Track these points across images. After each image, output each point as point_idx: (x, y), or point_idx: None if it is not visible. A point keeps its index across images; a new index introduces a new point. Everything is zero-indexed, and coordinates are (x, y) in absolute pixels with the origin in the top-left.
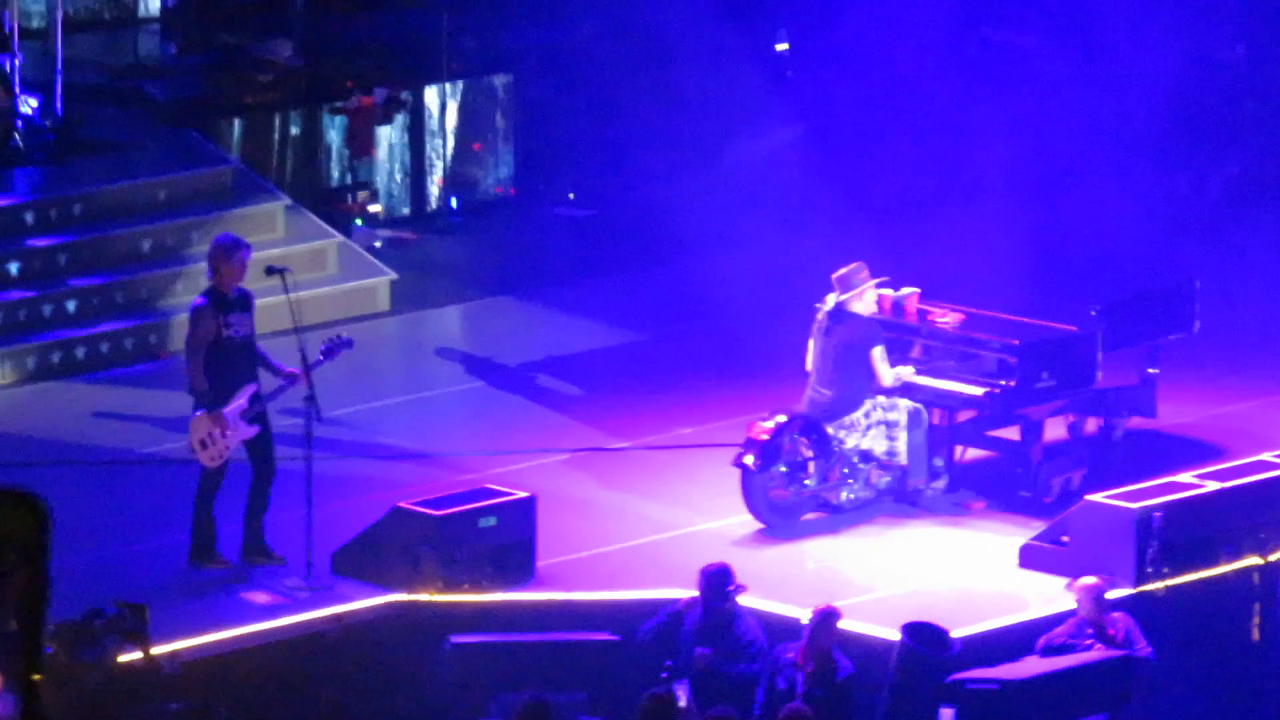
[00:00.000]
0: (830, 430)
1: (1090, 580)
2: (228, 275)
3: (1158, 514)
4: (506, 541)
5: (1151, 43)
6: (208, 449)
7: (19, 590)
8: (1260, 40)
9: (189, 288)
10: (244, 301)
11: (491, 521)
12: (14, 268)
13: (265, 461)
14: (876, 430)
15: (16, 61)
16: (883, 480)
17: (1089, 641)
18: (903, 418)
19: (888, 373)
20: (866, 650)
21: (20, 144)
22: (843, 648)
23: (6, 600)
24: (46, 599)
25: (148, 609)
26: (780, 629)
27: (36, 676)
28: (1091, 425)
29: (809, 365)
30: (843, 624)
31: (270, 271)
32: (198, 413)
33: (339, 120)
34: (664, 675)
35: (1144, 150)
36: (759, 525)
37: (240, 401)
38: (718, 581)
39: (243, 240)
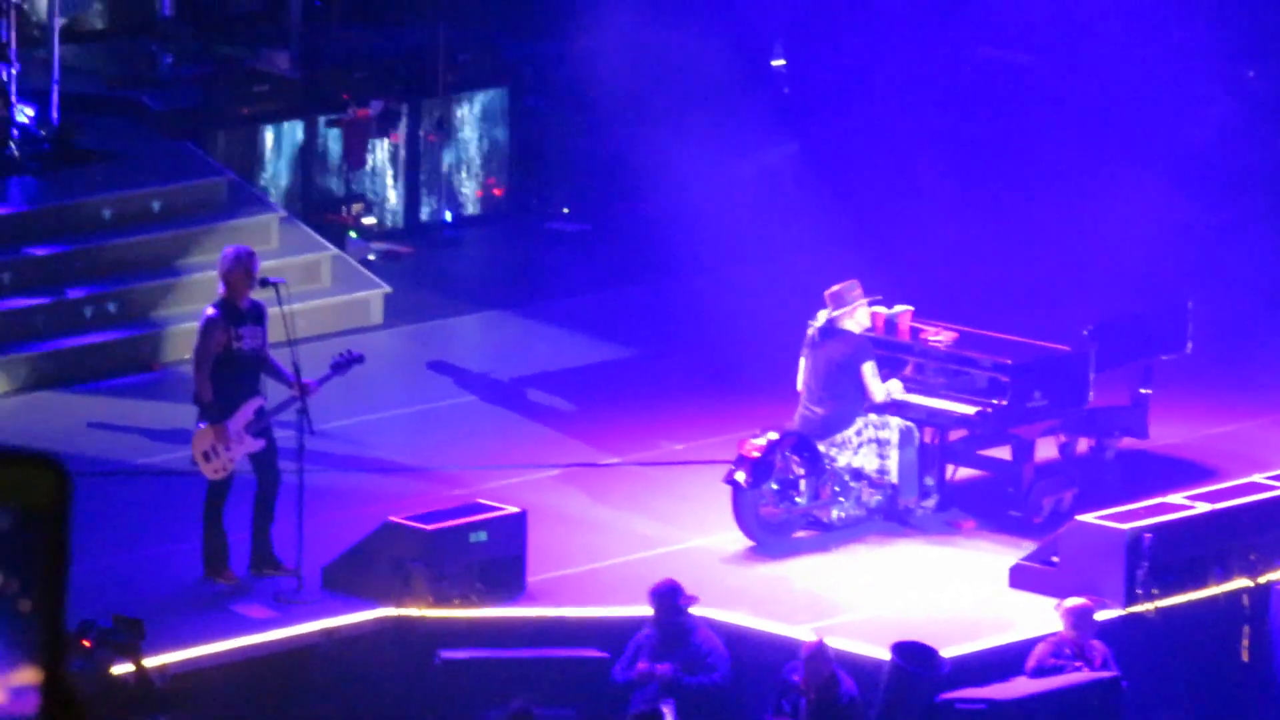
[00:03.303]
0: (822, 448)
1: (1077, 601)
2: (239, 287)
3: (1148, 535)
4: (497, 557)
5: (1149, 62)
6: (211, 462)
7: (38, 566)
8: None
9: (183, 299)
10: (256, 313)
11: (482, 536)
12: (7, 277)
13: (270, 475)
14: (868, 448)
15: (14, 71)
16: (874, 499)
17: (1077, 663)
18: (894, 436)
19: (879, 388)
20: (856, 669)
21: (16, 153)
22: (845, 669)
23: (24, 577)
24: (68, 576)
25: (143, 623)
26: (773, 648)
27: (60, 666)
28: (1083, 445)
29: (799, 383)
30: (832, 642)
31: (264, 284)
32: (201, 425)
33: (334, 132)
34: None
35: (1141, 168)
36: (749, 542)
37: (245, 415)
38: (668, 598)
39: (253, 251)
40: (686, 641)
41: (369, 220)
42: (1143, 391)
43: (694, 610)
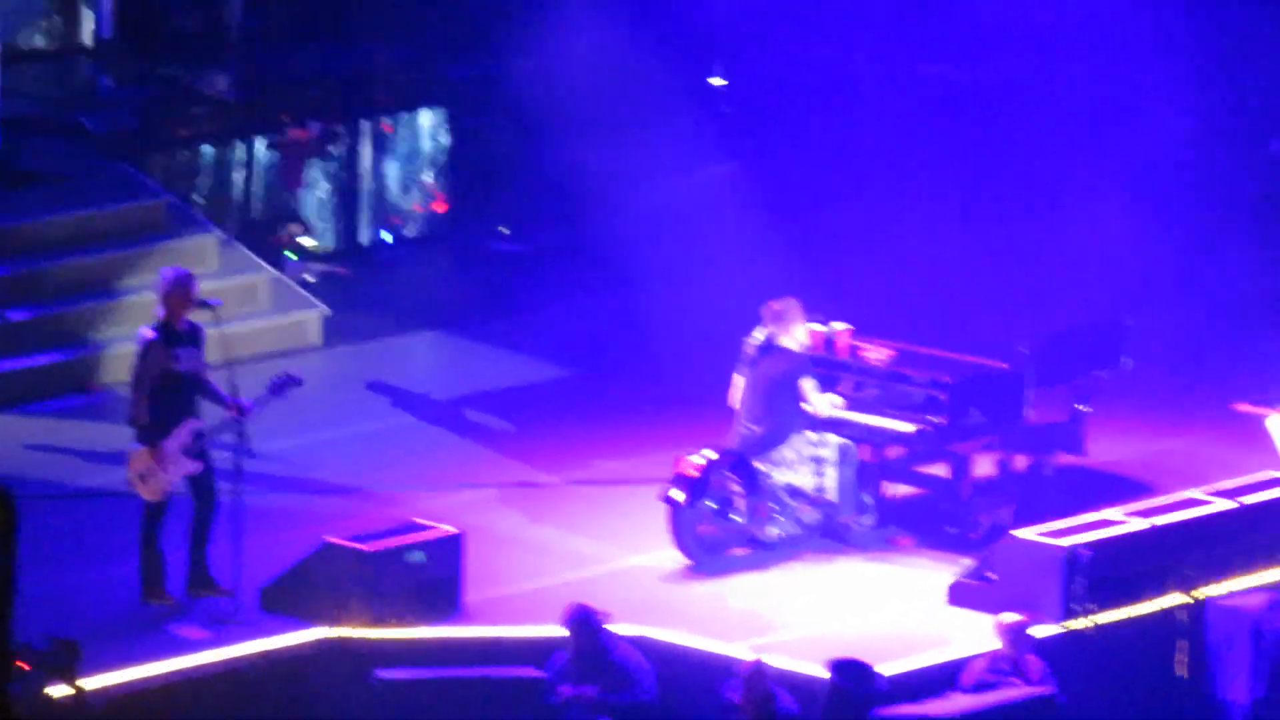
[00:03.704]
0: (759, 465)
1: (1014, 617)
2: (178, 309)
3: (1085, 551)
4: (434, 577)
5: (1084, 74)
6: (147, 483)
7: None
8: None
9: (121, 320)
10: (194, 335)
11: (420, 557)
12: None
13: (207, 496)
14: (805, 466)
15: None
16: (811, 516)
17: (1013, 679)
18: (832, 454)
19: (819, 400)
20: (794, 687)
21: None
22: (784, 686)
23: None
24: (11, 600)
25: (79, 645)
26: (711, 667)
27: (3, 686)
28: (1021, 462)
29: (736, 400)
30: (770, 660)
31: (202, 305)
32: (138, 447)
33: (273, 154)
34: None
35: (1082, 185)
36: (687, 561)
37: (182, 436)
38: (582, 623)
39: (192, 274)
40: (607, 661)
41: (307, 241)
42: (1080, 408)
43: (622, 629)
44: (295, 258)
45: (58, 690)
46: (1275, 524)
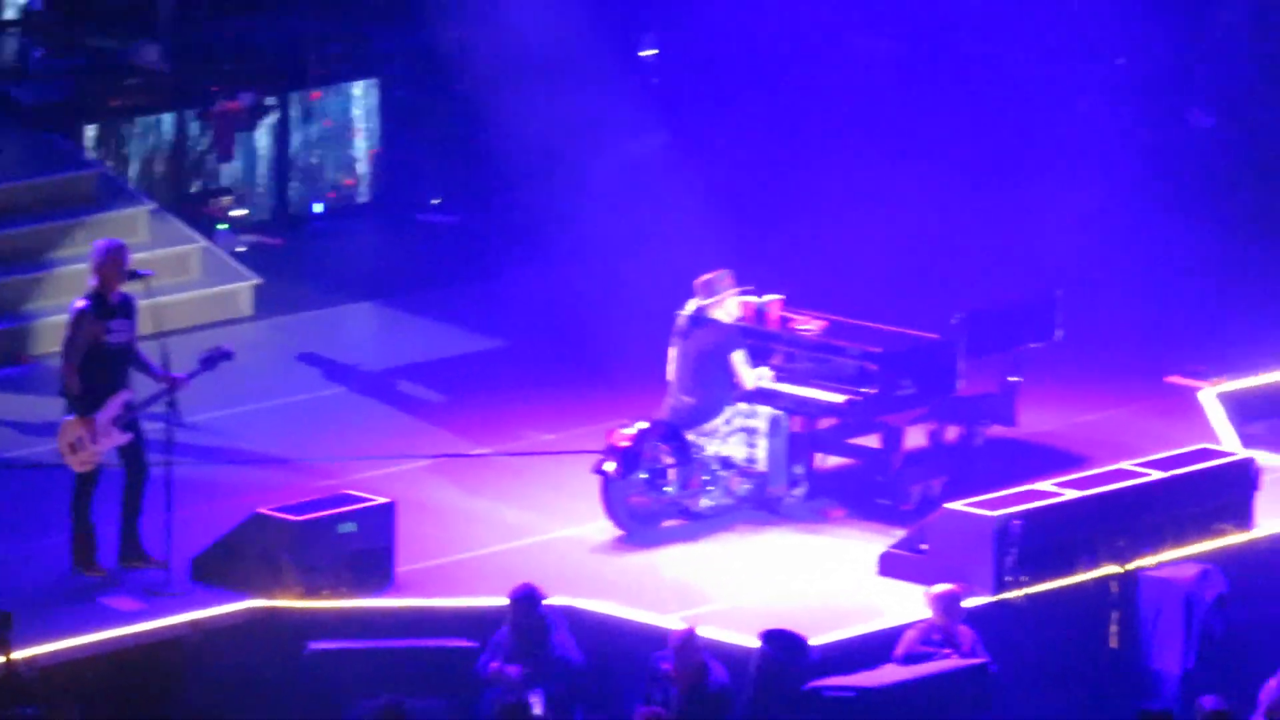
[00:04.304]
0: (691, 437)
1: (945, 587)
2: (110, 280)
3: (1016, 522)
4: (366, 548)
5: (1013, 47)
6: (78, 453)
7: None
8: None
9: (53, 292)
10: (126, 307)
11: (352, 527)
12: None
13: (137, 467)
14: (737, 437)
15: None
16: (743, 487)
17: (945, 650)
18: (763, 425)
19: (749, 374)
20: (726, 658)
21: None
22: (716, 657)
23: None
24: None
25: (11, 616)
26: (643, 637)
27: None
28: (952, 433)
29: (669, 373)
30: (702, 631)
31: (132, 276)
32: (69, 417)
33: (204, 125)
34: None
35: (1015, 157)
36: (619, 532)
37: (113, 408)
38: (524, 603)
39: (124, 245)
40: (544, 643)
41: (238, 212)
42: (1011, 379)
43: (555, 600)
44: (227, 228)
45: None
46: (1206, 495)
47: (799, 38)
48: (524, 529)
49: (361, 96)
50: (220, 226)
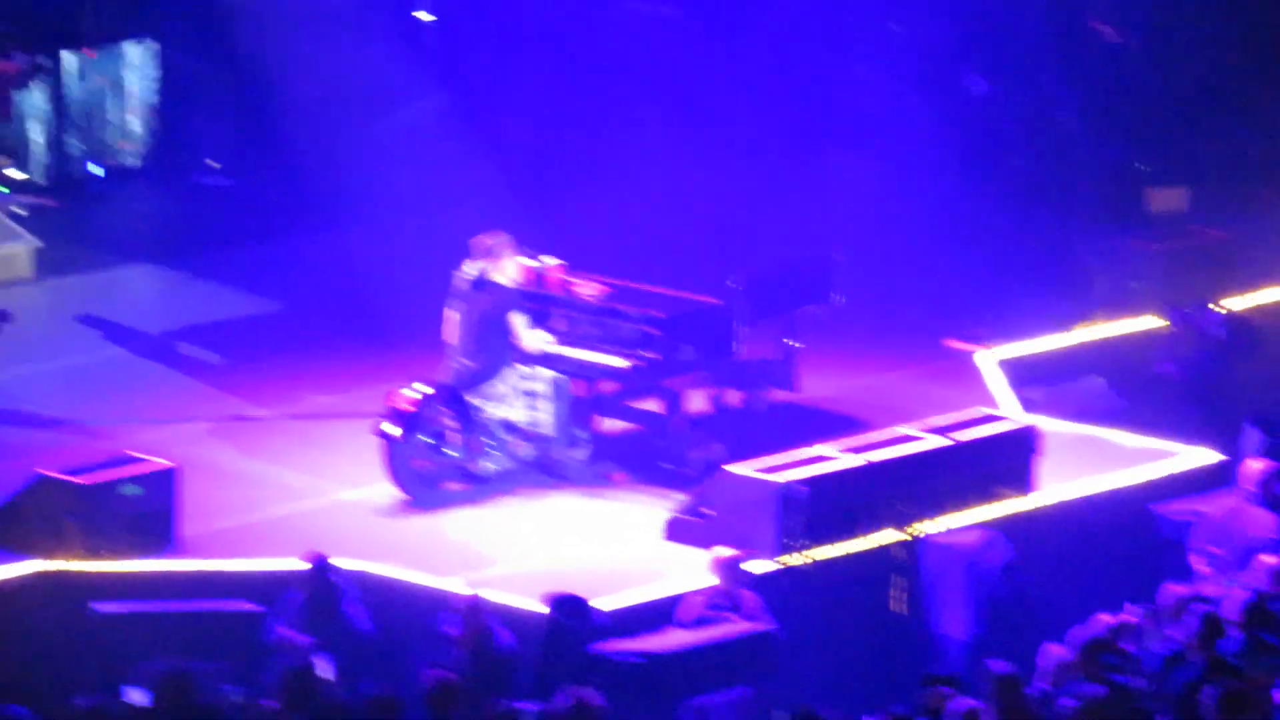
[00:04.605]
0: (472, 400)
1: (727, 552)
2: None
3: (800, 488)
4: (149, 510)
5: (793, 12)
6: None
7: None
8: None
9: None
10: None
11: (134, 490)
12: None
13: None
14: (519, 400)
15: None
16: (526, 451)
17: (729, 615)
18: (545, 388)
19: (529, 336)
20: (513, 621)
21: None
22: (502, 621)
23: None
24: None
25: None
26: (428, 601)
27: None
28: (733, 397)
29: (446, 334)
30: (488, 595)
31: None
32: None
33: None
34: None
35: (795, 122)
36: (402, 495)
37: None
38: (318, 572)
39: None
40: (334, 611)
41: (15, 174)
42: (791, 343)
43: (339, 563)
44: (4, 190)
45: None
46: (989, 460)
47: (583, 3)
48: (306, 492)
49: (137, 57)
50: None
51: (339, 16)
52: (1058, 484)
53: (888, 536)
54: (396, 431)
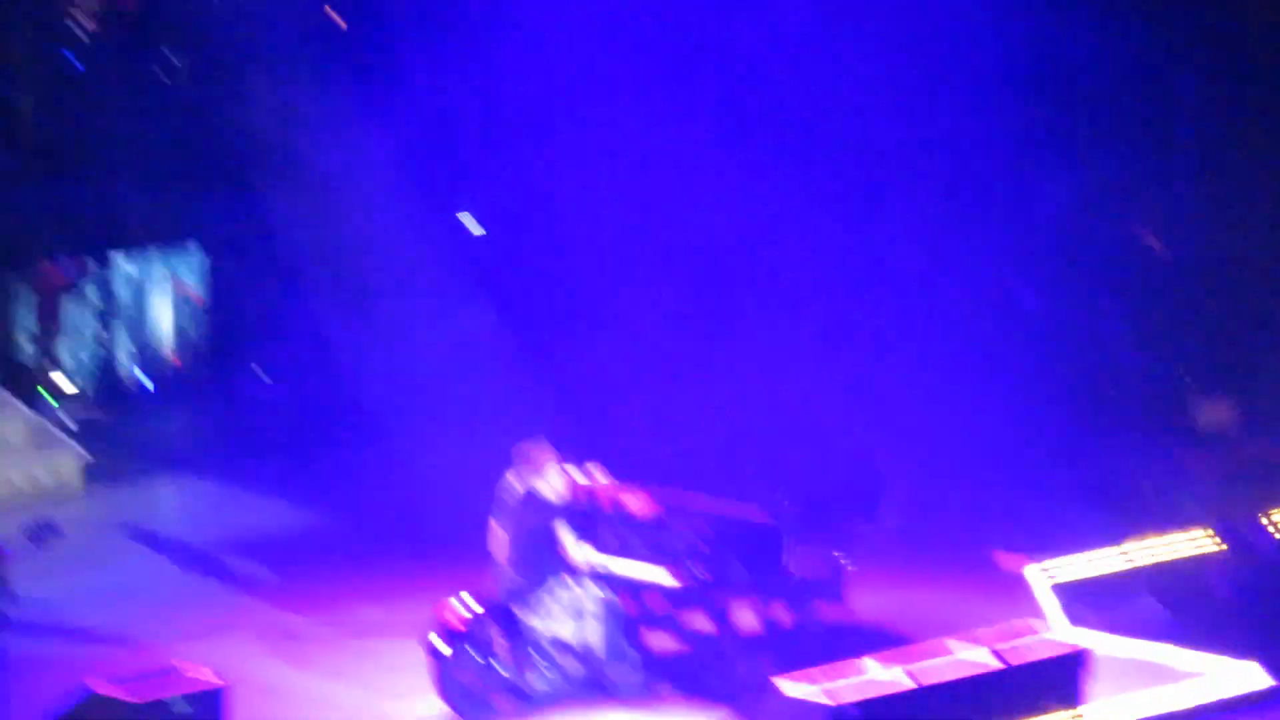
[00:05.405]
0: (521, 615)
1: None
2: None
3: (852, 710)
4: None
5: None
6: None
7: None
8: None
9: None
10: None
11: (185, 708)
12: None
13: None
14: (567, 616)
15: None
16: (574, 667)
17: None
18: (593, 605)
19: (576, 550)
20: None
21: None
22: None
23: None
24: None
25: None
26: None
27: None
28: (782, 614)
29: (492, 546)
30: None
31: None
32: None
33: (30, 295)
34: None
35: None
36: (449, 710)
37: None
38: None
39: None
40: None
41: (65, 384)
42: (839, 558)
43: None
44: (54, 403)
45: None
46: (1038, 679)
47: (627, 216)
48: (355, 706)
49: (186, 264)
50: (47, 399)
51: (387, 228)
52: (1107, 701)
53: None
54: (447, 650)
